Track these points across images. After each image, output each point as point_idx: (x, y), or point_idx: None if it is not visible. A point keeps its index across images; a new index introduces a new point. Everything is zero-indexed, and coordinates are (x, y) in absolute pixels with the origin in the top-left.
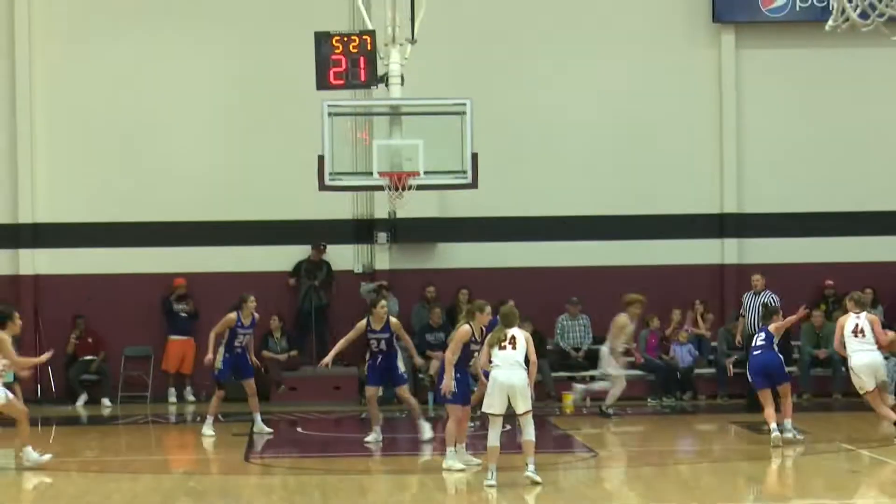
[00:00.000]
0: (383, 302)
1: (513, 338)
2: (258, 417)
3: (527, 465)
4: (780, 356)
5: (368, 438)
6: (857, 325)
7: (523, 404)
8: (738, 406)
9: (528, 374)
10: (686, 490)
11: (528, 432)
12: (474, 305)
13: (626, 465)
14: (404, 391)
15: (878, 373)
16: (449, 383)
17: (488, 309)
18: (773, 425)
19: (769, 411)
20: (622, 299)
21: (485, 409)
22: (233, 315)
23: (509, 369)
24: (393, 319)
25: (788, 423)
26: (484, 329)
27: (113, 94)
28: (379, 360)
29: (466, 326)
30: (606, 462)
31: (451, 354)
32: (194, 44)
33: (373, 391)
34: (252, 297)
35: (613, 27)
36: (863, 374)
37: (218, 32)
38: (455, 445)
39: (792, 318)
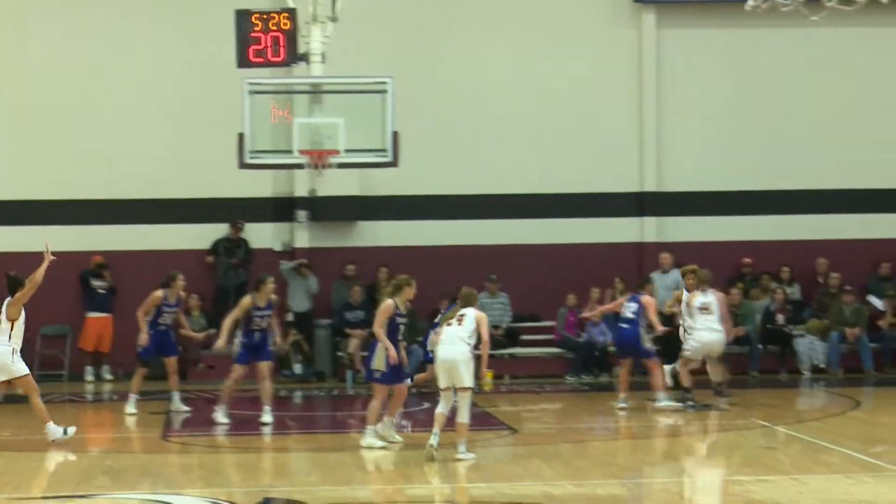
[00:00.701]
0: (271, 279)
1: (461, 315)
2: (176, 396)
3: (457, 445)
4: (639, 331)
5: (220, 419)
6: (704, 302)
7: (461, 380)
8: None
9: (474, 351)
10: (603, 466)
11: (462, 414)
12: (401, 280)
13: (545, 442)
14: (269, 368)
15: (712, 351)
16: (380, 361)
17: (414, 283)
18: (622, 396)
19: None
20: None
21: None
22: (160, 293)
23: (451, 344)
24: (273, 296)
25: (660, 394)
26: (409, 304)
27: (33, 73)
28: (256, 337)
29: (389, 301)
30: (524, 439)
31: (379, 328)
32: (119, 24)
33: (242, 370)
34: (181, 276)
35: (535, 6)
36: (700, 351)
37: (142, 12)
38: (376, 423)
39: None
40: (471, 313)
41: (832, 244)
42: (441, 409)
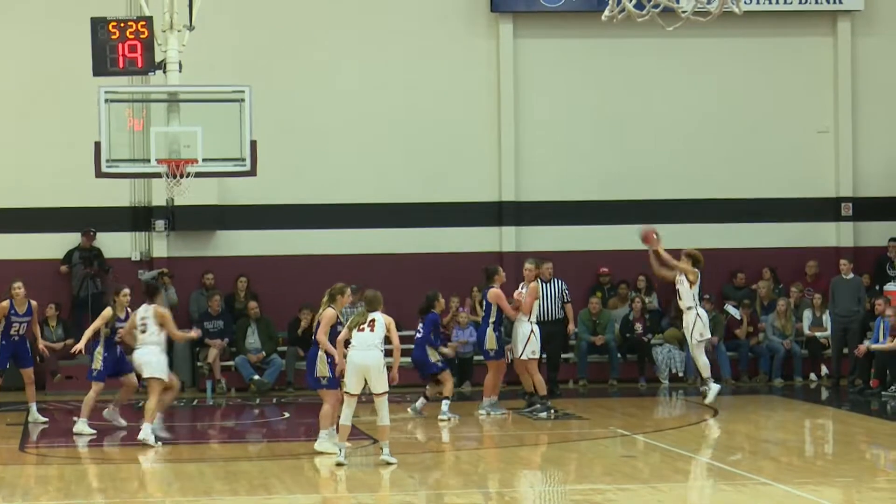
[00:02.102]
0: (126, 290)
1: (372, 321)
2: (34, 407)
3: (381, 448)
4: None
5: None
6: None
7: (378, 385)
8: (516, 392)
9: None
10: (464, 476)
11: (382, 416)
12: (335, 289)
13: (407, 451)
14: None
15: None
16: (324, 367)
17: (349, 291)
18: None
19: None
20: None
21: (345, 388)
22: (5, 303)
23: (365, 350)
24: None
25: (486, 400)
26: (346, 311)
27: None
28: (118, 349)
29: (331, 310)
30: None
31: (323, 336)
32: None
33: (101, 386)
34: (17, 284)
35: (395, 16)
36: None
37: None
38: (330, 428)
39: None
40: (380, 318)
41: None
42: (347, 421)
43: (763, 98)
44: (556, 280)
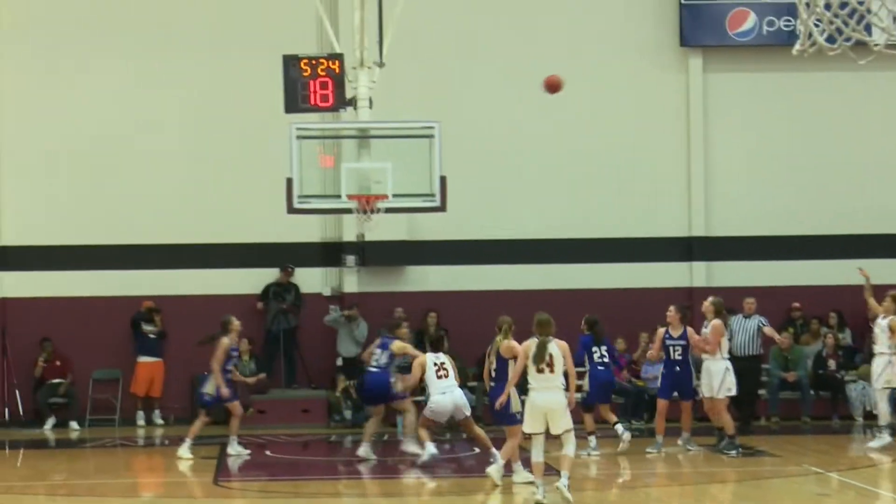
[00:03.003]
0: (234, 319)
1: (550, 357)
2: (235, 440)
3: (562, 478)
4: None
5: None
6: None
7: (564, 424)
8: (706, 428)
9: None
10: None
11: (570, 450)
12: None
13: (595, 489)
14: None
15: None
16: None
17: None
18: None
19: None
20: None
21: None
22: (227, 340)
23: (548, 393)
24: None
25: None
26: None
27: (81, 117)
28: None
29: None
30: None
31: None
32: (163, 66)
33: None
34: (235, 318)
35: (583, 51)
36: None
37: (185, 55)
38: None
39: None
40: (556, 351)
41: (885, 289)
42: (537, 458)
43: None
44: (755, 316)
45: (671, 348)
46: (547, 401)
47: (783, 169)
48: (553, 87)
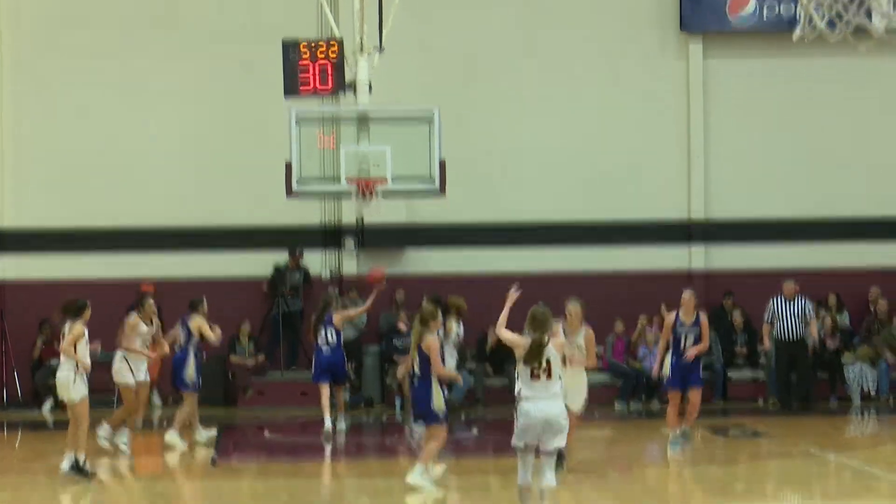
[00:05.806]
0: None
1: (547, 362)
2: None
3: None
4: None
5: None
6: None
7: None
8: (704, 410)
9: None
10: (652, 494)
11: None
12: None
13: (591, 470)
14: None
15: None
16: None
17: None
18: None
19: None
20: None
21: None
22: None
23: (549, 401)
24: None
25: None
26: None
27: (82, 102)
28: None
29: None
30: (575, 467)
31: None
32: (164, 50)
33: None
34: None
35: (583, 37)
36: None
37: (186, 39)
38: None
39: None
40: (553, 353)
41: (882, 273)
42: (524, 480)
43: None
44: (799, 297)
45: (683, 336)
46: (545, 411)
47: (782, 153)
48: (375, 280)
